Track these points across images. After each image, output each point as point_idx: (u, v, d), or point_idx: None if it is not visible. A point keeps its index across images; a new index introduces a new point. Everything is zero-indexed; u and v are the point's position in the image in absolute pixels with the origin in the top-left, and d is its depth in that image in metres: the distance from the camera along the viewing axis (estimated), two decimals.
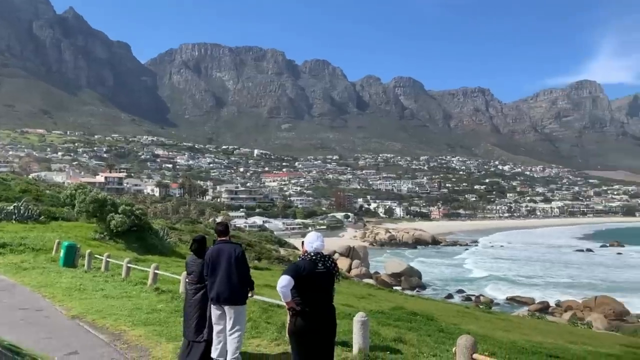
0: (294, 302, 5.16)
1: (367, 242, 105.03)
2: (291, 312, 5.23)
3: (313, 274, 5.21)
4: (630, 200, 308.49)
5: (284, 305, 8.75)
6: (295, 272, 5.12)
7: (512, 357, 9.24)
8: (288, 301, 5.15)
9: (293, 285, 5.08)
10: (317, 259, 5.31)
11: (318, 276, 5.25)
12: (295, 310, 5.16)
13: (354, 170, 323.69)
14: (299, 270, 5.16)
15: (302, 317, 5.15)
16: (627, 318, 40.33)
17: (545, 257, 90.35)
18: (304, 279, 5.14)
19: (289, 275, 5.07)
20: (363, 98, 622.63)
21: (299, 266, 5.25)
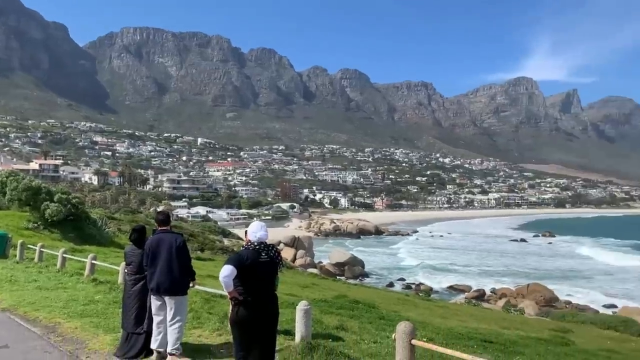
0: (236, 292, 5.13)
1: (312, 233, 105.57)
2: (233, 302, 5.19)
3: (256, 264, 5.19)
4: (561, 192, 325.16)
5: (226, 296, 8.69)
6: (238, 262, 5.09)
7: (449, 342, 9.57)
8: (230, 291, 5.11)
9: (236, 274, 5.04)
10: (260, 249, 5.30)
11: (261, 265, 5.24)
12: (238, 299, 5.13)
13: (300, 160, 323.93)
14: (242, 260, 5.13)
15: (244, 307, 5.13)
16: (556, 304, 42.67)
17: (482, 247, 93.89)
18: (247, 269, 5.11)
19: (232, 264, 5.03)
20: (309, 88, 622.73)
21: (242, 256, 5.22)
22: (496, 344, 11.06)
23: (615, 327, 24.92)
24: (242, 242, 48.14)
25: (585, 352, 12.93)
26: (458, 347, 8.55)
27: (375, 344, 8.02)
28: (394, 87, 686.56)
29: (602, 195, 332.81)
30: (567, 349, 13.00)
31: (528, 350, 11.20)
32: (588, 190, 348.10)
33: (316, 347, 6.65)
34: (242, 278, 5.10)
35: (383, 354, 7.25)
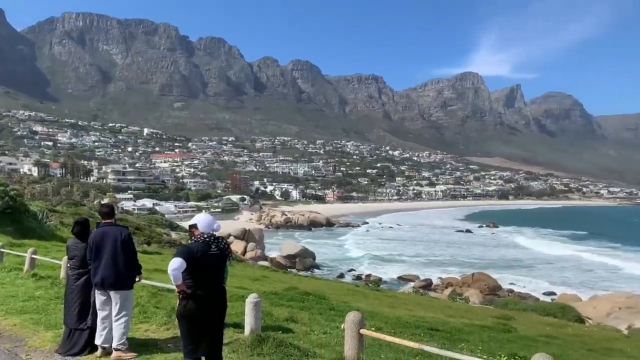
0: (184, 285, 5.04)
1: (263, 225, 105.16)
2: (182, 295, 5.09)
3: (206, 256, 5.12)
4: (505, 184, 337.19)
5: (174, 289, 8.55)
6: (187, 254, 5.00)
7: (397, 331, 9.77)
8: (179, 284, 5.01)
9: (185, 267, 4.95)
10: (210, 241, 5.24)
11: (211, 258, 5.18)
12: (186, 293, 5.04)
13: (250, 152, 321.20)
14: (191, 252, 5.04)
15: (193, 300, 5.05)
16: (499, 292, 44.32)
17: (429, 238, 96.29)
18: (197, 261, 5.03)
19: (181, 257, 4.94)
20: (260, 79, 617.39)
21: (191, 248, 5.13)
22: (442, 332, 11.37)
23: (554, 314, 26.15)
24: None
25: (526, 338, 13.48)
26: (405, 335, 8.74)
27: (325, 335, 8.10)
28: (345, 79, 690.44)
29: (543, 188, 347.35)
30: (509, 335, 13.52)
31: (472, 337, 11.57)
32: (530, 182, 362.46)
33: (266, 339, 6.65)
34: (192, 271, 5.01)
35: (333, 344, 7.32)
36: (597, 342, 15.65)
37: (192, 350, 5.13)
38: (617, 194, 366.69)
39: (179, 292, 5.08)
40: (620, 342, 17.59)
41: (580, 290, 46.83)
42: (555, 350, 11.70)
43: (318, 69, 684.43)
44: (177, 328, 7.61)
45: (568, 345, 13.82)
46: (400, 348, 7.33)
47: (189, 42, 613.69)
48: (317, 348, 7.08)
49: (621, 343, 16.99)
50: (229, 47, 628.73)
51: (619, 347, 15.26)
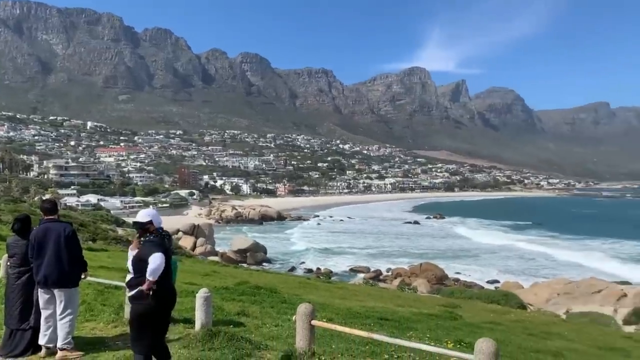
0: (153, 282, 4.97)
1: (212, 220, 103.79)
2: (147, 292, 4.95)
3: (168, 252, 5.13)
4: (451, 177, 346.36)
5: (121, 287, 8.37)
6: (163, 249, 4.98)
7: (347, 321, 9.93)
8: (151, 280, 4.91)
9: None
10: (165, 236, 5.21)
11: (169, 254, 5.20)
12: (153, 290, 4.94)
13: (199, 146, 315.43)
14: (164, 247, 5.04)
15: (154, 297, 4.97)
16: (446, 282, 45.65)
17: (379, 230, 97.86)
18: (167, 258, 5.06)
19: (161, 252, 4.91)
20: (209, 71, 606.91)
21: (163, 243, 5.08)
22: (391, 321, 11.64)
23: (498, 301, 27.19)
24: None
25: (471, 325, 13.98)
26: (356, 325, 8.89)
27: (276, 327, 8.15)
28: (295, 73, 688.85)
29: (486, 180, 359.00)
30: (455, 322, 13.98)
31: (420, 325, 11.91)
32: (474, 174, 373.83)
33: (217, 334, 6.64)
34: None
35: (284, 336, 7.38)
36: (537, 327, 16.41)
37: (151, 346, 5.10)
38: (556, 185, 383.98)
39: (149, 289, 4.95)
40: (559, 326, 18.51)
41: (522, 278, 48.86)
42: (499, 335, 12.19)
43: (268, 62, 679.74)
44: (125, 325, 7.48)
45: (510, 330, 14.43)
46: (351, 338, 7.48)
47: (134, 32, 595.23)
48: (269, 340, 7.13)
49: (559, 327, 17.89)
50: (176, 39, 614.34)
51: (557, 331, 16.07)
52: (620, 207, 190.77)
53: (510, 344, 11.02)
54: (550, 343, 12.77)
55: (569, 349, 11.95)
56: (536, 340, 12.93)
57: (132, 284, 5.04)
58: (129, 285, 5.12)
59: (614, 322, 26.40)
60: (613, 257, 64.38)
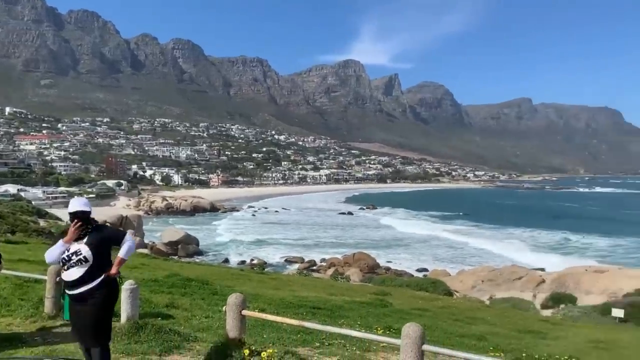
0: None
1: (142, 211, 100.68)
2: (118, 273, 4.94)
3: None
4: (383, 169, 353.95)
5: (41, 280, 7.94)
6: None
7: (280, 311, 9.92)
8: (125, 260, 4.97)
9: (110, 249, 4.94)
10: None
11: None
12: (118, 275, 4.96)
13: (127, 134, 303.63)
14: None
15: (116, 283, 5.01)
16: (377, 270, 46.73)
17: (314, 220, 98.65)
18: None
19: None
20: (138, 57, 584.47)
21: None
22: (324, 310, 11.77)
23: (426, 288, 28.15)
24: (60, 222, 44.15)
25: (401, 311, 14.38)
26: (288, 315, 8.91)
27: (207, 319, 8.02)
28: (229, 61, 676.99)
29: (417, 171, 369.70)
30: (386, 310, 14.34)
31: (352, 313, 12.12)
32: (405, 166, 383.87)
33: (144, 327, 6.45)
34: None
35: (215, 327, 7.27)
36: (462, 312, 17.12)
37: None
38: (482, 177, 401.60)
39: (117, 273, 4.92)
40: (483, 311, 19.42)
41: (449, 266, 50.85)
42: (426, 321, 12.61)
43: (200, 49, 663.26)
44: (45, 320, 7.10)
45: (437, 316, 14.97)
46: (283, 327, 7.48)
47: (58, 14, 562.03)
48: (199, 332, 7.00)
49: (483, 312, 18.77)
50: (104, 22, 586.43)
51: (482, 316, 16.84)
52: (540, 198, 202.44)
53: (437, 329, 11.42)
54: (474, 328, 13.35)
55: (492, 333, 12.55)
56: (461, 325, 13.48)
57: (94, 271, 4.73)
58: (91, 274, 4.73)
59: (532, 307, 28.04)
60: (531, 245, 68.38)
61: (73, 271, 4.71)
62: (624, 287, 30.90)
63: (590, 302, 27.55)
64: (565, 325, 18.21)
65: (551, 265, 46.91)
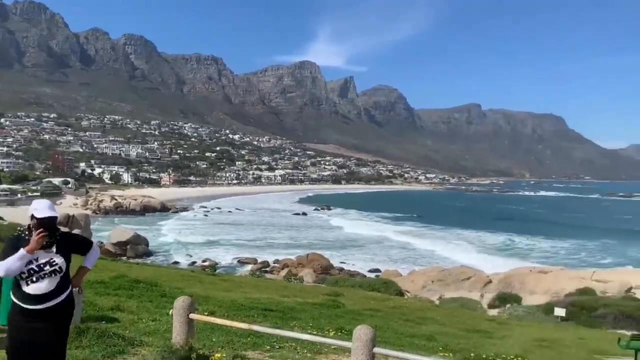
0: None
1: (89, 210, 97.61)
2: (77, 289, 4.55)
3: None
4: (338, 170, 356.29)
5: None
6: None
7: (230, 313, 9.75)
8: (89, 269, 4.59)
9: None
10: None
11: None
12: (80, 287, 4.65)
13: (75, 131, 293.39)
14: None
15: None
16: (331, 271, 46.91)
17: (268, 221, 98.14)
18: None
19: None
20: (88, 52, 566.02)
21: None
22: (276, 312, 11.66)
23: (378, 289, 28.44)
24: (3, 222, 42.42)
25: (353, 312, 14.44)
26: (239, 317, 8.76)
27: (154, 322, 7.78)
28: (183, 58, 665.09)
29: (371, 173, 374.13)
30: (338, 310, 14.36)
31: (304, 315, 12.06)
32: (360, 168, 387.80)
33: (86, 331, 6.17)
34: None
35: (162, 331, 7.06)
36: (413, 312, 17.36)
37: None
38: (433, 180, 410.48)
39: (79, 284, 4.57)
40: (432, 311, 19.76)
41: (401, 266, 51.64)
42: (378, 321, 12.70)
43: (153, 45, 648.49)
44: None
45: (389, 316, 15.11)
46: (233, 330, 7.33)
47: (3, 4, 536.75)
48: (145, 336, 6.77)
49: (433, 312, 19.10)
50: (52, 14, 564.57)
51: (431, 316, 17.13)
52: (488, 200, 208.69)
53: (388, 330, 11.51)
54: (424, 328, 13.55)
55: (441, 333, 12.77)
56: (412, 325, 13.66)
57: (63, 283, 4.23)
58: (61, 286, 4.23)
59: (480, 307, 28.79)
60: (479, 246, 70.38)
61: (44, 283, 4.10)
62: (565, 287, 32.19)
63: (535, 302, 28.55)
64: (511, 324, 18.77)
65: (498, 266, 48.36)
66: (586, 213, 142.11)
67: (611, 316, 23.23)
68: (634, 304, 25.32)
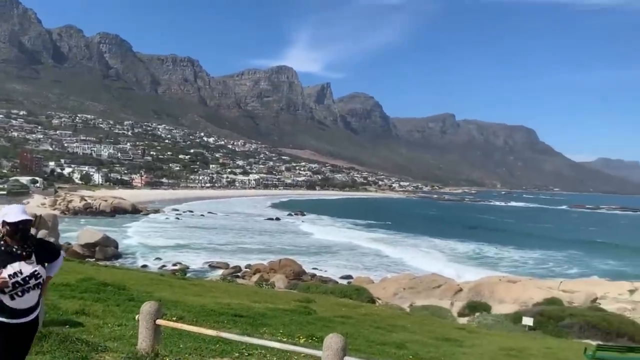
0: None
1: (58, 211, 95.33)
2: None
3: None
4: (313, 176, 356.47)
5: None
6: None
7: (200, 319, 9.58)
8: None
9: None
10: None
11: None
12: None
13: (46, 129, 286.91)
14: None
15: None
16: (303, 277, 46.73)
17: (241, 225, 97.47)
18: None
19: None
20: (61, 49, 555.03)
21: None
22: (246, 317, 11.52)
23: (350, 296, 28.44)
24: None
25: (324, 319, 14.36)
26: (208, 323, 8.61)
27: (120, 327, 7.57)
28: (158, 59, 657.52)
29: (345, 180, 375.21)
30: (309, 317, 14.26)
31: (275, 321, 11.93)
32: (335, 174, 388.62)
33: (48, 336, 5.95)
34: None
35: (128, 336, 6.86)
36: (383, 320, 17.38)
37: None
38: (406, 188, 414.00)
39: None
40: (403, 319, 19.83)
41: (373, 273, 51.78)
42: (349, 329, 12.65)
43: (129, 45, 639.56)
44: None
45: (360, 324, 15.09)
46: (201, 336, 7.19)
47: None
48: (110, 341, 6.58)
49: (403, 320, 19.16)
50: (24, 10, 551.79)
51: (402, 324, 17.17)
52: (460, 209, 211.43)
53: (359, 337, 11.48)
54: (395, 335, 13.56)
55: (411, 341, 12.79)
56: (383, 333, 13.66)
57: (40, 294, 4.05)
58: (40, 298, 4.09)
59: (450, 315, 29.03)
60: (450, 255, 71.18)
61: (30, 296, 3.88)
62: (534, 297, 32.72)
63: (504, 311, 28.91)
64: (480, 333, 18.95)
65: (468, 275, 48.92)
66: (554, 224, 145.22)
67: (577, 326, 23.67)
68: (599, 314, 25.87)
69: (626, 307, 30.38)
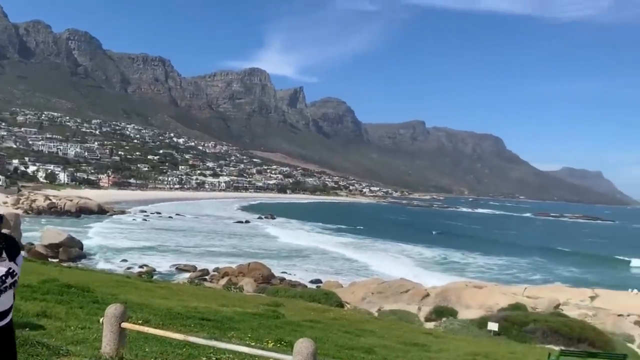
0: None
1: (21, 210, 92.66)
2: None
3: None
4: (284, 179, 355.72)
5: None
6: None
7: (166, 322, 9.41)
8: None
9: None
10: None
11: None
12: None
13: (10, 126, 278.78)
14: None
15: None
16: (272, 281, 46.50)
17: (210, 228, 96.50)
18: None
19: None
20: (28, 44, 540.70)
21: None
22: (213, 321, 11.37)
23: (319, 300, 28.42)
24: None
25: (293, 323, 14.29)
26: (175, 326, 8.46)
27: (83, 330, 7.37)
28: (129, 57, 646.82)
29: (316, 184, 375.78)
30: (278, 321, 14.17)
31: (243, 325, 11.82)
32: (306, 178, 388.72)
33: None
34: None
35: (91, 340, 6.68)
36: (352, 324, 17.40)
37: None
38: (377, 193, 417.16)
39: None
40: (371, 323, 19.89)
41: (342, 278, 51.90)
42: (318, 333, 12.61)
43: (98, 42, 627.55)
44: None
45: (329, 328, 15.06)
46: (168, 340, 7.05)
47: None
48: (72, 345, 6.38)
49: (372, 324, 19.22)
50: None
51: (370, 328, 17.22)
52: (428, 215, 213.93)
53: (328, 342, 11.45)
54: (363, 340, 13.58)
55: (380, 345, 12.83)
56: (351, 337, 13.66)
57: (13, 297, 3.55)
58: (12, 300, 3.51)
59: (417, 319, 29.29)
60: (417, 260, 71.93)
61: (6, 297, 3.36)
62: (499, 302, 33.29)
63: (469, 316, 29.33)
64: (447, 338, 19.16)
65: (435, 280, 49.48)
66: (519, 231, 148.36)
67: (540, 331, 24.18)
68: (561, 320, 26.49)
69: (587, 313, 31.19)
